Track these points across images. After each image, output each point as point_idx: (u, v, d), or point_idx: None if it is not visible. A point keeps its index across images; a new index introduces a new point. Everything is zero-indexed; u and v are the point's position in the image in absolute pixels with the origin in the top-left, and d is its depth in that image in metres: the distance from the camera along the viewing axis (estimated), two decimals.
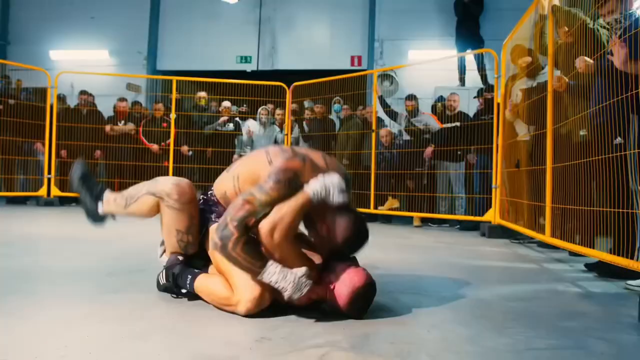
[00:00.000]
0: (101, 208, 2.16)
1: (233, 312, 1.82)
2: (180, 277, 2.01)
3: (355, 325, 1.76)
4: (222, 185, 2.04)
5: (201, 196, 2.09)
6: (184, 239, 2.02)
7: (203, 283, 1.95)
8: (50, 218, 5.75)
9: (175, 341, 1.52)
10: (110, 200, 2.15)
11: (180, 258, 2.05)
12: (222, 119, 7.70)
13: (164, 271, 2.08)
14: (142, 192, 2.05)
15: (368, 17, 10.20)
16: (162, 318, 1.77)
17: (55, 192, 7.37)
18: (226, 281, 1.86)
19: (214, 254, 1.92)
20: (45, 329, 1.59)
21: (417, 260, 3.41)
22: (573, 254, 3.62)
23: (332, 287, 1.81)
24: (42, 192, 7.35)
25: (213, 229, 1.92)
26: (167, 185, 1.99)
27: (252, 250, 1.75)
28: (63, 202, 7.64)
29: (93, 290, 2.16)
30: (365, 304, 1.84)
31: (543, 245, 4.20)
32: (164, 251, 2.15)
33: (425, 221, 6.54)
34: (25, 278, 2.31)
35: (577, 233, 3.08)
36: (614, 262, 2.49)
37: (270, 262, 1.76)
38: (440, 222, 6.56)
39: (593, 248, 2.85)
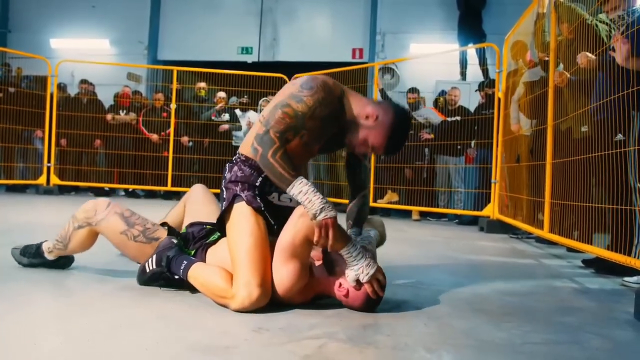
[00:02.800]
0: (49, 257, 2.20)
1: (224, 305, 1.79)
2: (175, 261, 1.91)
3: (352, 317, 1.77)
4: (250, 138, 1.92)
5: (227, 164, 2.01)
6: (135, 233, 2.00)
7: (199, 271, 1.87)
8: (50, 206, 5.75)
9: (172, 331, 1.53)
10: (49, 249, 2.19)
11: (175, 241, 1.97)
12: (218, 106, 7.69)
13: (153, 257, 1.97)
14: (69, 231, 2.08)
15: (370, 10, 10.15)
16: (159, 308, 1.77)
17: (54, 180, 7.38)
18: (225, 273, 1.82)
19: (230, 232, 1.86)
20: (44, 317, 1.59)
21: (415, 254, 3.42)
22: (571, 250, 3.63)
23: (342, 289, 1.79)
24: (42, 180, 7.36)
25: (240, 207, 1.85)
26: (81, 212, 2.05)
27: (289, 160, 1.75)
28: (62, 190, 7.65)
29: (91, 279, 2.17)
30: (379, 300, 1.83)
31: (541, 240, 4.21)
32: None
33: (424, 215, 6.55)
34: (23, 267, 2.31)
35: (575, 229, 3.09)
36: (612, 259, 2.50)
37: (302, 177, 1.74)
38: (439, 216, 6.58)
39: (591, 244, 2.86)
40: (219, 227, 1.98)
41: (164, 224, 2.13)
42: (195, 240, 2.03)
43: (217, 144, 7.56)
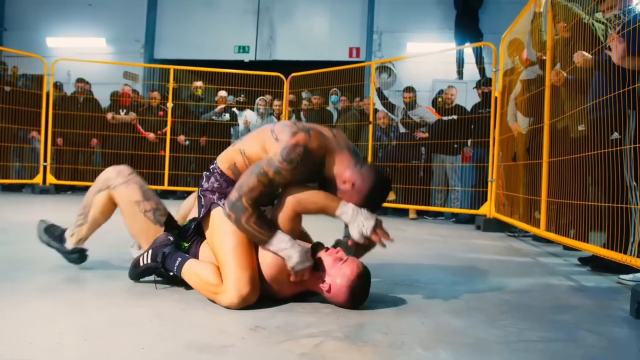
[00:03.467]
0: (68, 244, 2.23)
1: (214, 301, 1.81)
2: (170, 258, 1.94)
3: (349, 315, 1.77)
4: (229, 157, 2.00)
5: (204, 173, 2.05)
6: (147, 207, 2.07)
7: (192, 267, 1.90)
8: (46, 206, 5.74)
9: (169, 330, 1.53)
10: (71, 232, 2.23)
11: (171, 238, 2.00)
12: (219, 107, 7.68)
13: (149, 252, 2.00)
14: (90, 197, 2.15)
15: (367, 9, 10.16)
16: (156, 306, 1.77)
17: (50, 179, 7.36)
18: (217, 269, 1.85)
19: (211, 237, 1.90)
20: (40, 316, 1.59)
21: (412, 253, 3.42)
22: (567, 248, 3.64)
23: (325, 284, 1.82)
24: (38, 179, 7.33)
25: (217, 212, 1.90)
26: (103, 175, 2.14)
27: (263, 222, 1.79)
28: (59, 190, 7.63)
29: (88, 277, 2.16)
30: (363, 296, 1.85)
31: (538, 239, 4.22)
32: (139, 247, 2.15)
33: (420, 214, 6.56)
34: (20, 265, 2.31)
35: (571, 227, 3.10)
36: (608, 257, 2.50)
37: (280, 231, 1.80)
38: (435, 214, 6.58)
39: (587, 242, 2.87)
40: (197, 232, 2.02)
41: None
42: (192, 234, 2.06)
43: (214, 143, 7.55)
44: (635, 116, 2.60)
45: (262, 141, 1.94)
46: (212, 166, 2.05)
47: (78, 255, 2.27)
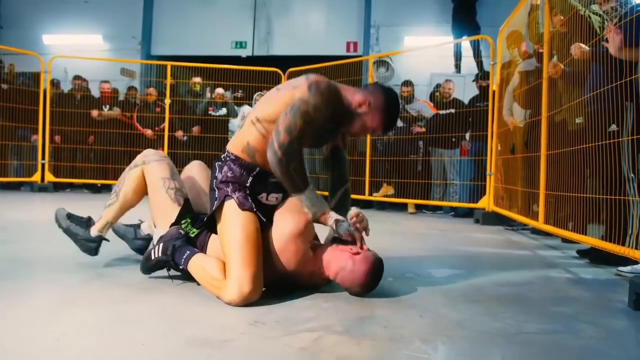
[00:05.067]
0: (93, 230, 2.25)
1: (218, 297, 1.81)
2: (179, 251, 1.95)
3: (348, 309, 1.77)
4: (240, 140, 1.99)
5: (216, 163, 2.04)
6: (171, 185, 2.12)
7: (198, 262, 1.91)
8: (44, 204, 5.73)
9: (170, 325, 1.53)
10: (100, 217, 2.25)
11: (182, 232, 2.01)
12: (212, 94, 7.68)
13: (159, 245, 2.00)
14: (125, 174, 2.21)
15: (364, 3, 10.12)
16: (157, 302, 1.77)
17: (49, 177, 7.35)
18: (221, 265, 1.85)
19: (221, 231, 1.89)
20: (40, 314, 1.59)
21: (411, 247, 3.43)
22: (566, 240, 3.65)
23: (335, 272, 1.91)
24: (36, 177, 7.32)
25: (231, 205, 1.89)
26: (141, 154, 2.23)
27: (304, 172, 1.85)
28: (57, 188, 7.61)
29: (88, 274, 2.17)
30: (378, 279, 1.94)
31: (536, 232, 4.23)
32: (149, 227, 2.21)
33: (419, 208, 6.57)
34: (19, 263, 2.31)
35: (570, 220, 3.11)
36: (606, 249, 2.51)
37: (312, 187, 1.87)
38: (434, 208, 6.59)
39: (585, 235, 2.88)
40: (209, 226, 2.01)
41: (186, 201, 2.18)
42: (202, 223, 2.07)
43: (212, 139, 7.54)
44: (632, 108, 2.60)
45: (277, 97, 1.94)
46: (223, 155, 2.03)
47: (96, 245, 2.27)
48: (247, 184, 1.94)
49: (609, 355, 1.45)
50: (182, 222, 2.11)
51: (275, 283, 1.94)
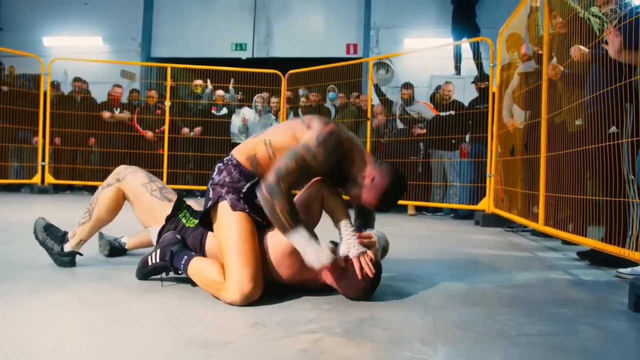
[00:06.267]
0: (67, 246, 2.26)
1: (219, 299, 1.82)
2: (177, 256, 1.96)
3: (348, 311, 1.77)
4: (249, 148, 1.99)
5: (217, 165, 2.03)
6: (153, 187, 2.17)
7: (196, 265, 1.92)
8: (44, 205, 5.73)
9: (169, 326, 1.53)
10: (73, 232, 2.26)
11: (179, 237, 2.02)
12: (216, 94, 7.70)
13: (157, 251, 2.02)
14: (98, 193, 2.22)
15: (364, 5, 10.14)
16: (157, 303, 1.77)
17: (49, 179, 7.35)
18: (220, 267, 1.86)
19: (218, 231, 1.90)
20: (40, 315, 1.59)
21: (410, 248, 3.43)
22: (566, 242, 3.65)
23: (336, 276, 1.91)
24: (36, 179, 7.32)
25: (224, 206, 1.89)
26: (112, 174, 2.24)
27: (293, 213, 1.80)
28: (57, 189, 7.62)
29: (87, 276, 2.17)
30: (374, 289, 1.95)
31: (536, 233, 4.23)
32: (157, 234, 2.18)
33: (419, 210, 6.56)
34: (19, 265, 2.31)
35: (570, 222, 3.11)
36: (606, 251, 2.51)
37: (302, 226, 1.81)
38: (434, 210, 6.59)
39: (585, 237, 2.88)
40: (205, 224, 2.00)
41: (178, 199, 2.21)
42: (198, 219, 2.09)
43: (213, 141, 7.55)
44: (632, 110, 2.60)
45: (291, 130, 1.95)
46: (226, 158, 2.04)
47: (70, 259, 2.28)
48: (243, 190, 1.94)
49: (609, 357, 1.45)
50: (179, 213, 2.13)
51: (274, 285, 1.94)
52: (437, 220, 5.83)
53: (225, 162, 2.02)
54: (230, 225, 1.85)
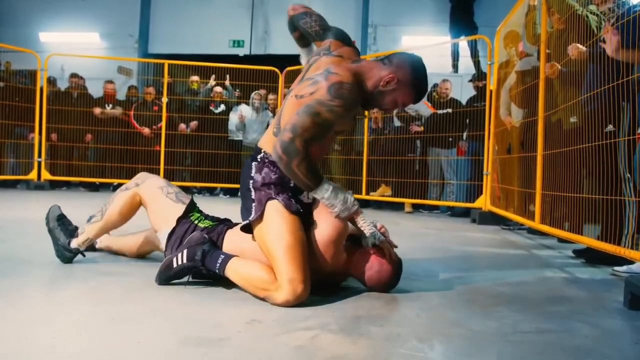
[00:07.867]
0: (74, 243, 2.24)
1: (265, 299, 1.78)
2: (210, 255, 1.89)
3: (345, 308, 1.78)
4: (273, 141, 1.87)
5: (253, 163, 1.95)
6: (170, 190, 2.18)
7: (238, 266, 1.85)
8: (41, 202, 5.71)
9: (166, 323, 1.53)
10: (82, 230, 2.25)
11: (206, 236, 1.96)
12: (214, 91, 7.69)
13: (184, 251, 1.93)
14: (115, 195, 2.21)
15: (362, 2, 10.13)
16: (153, 300, 1.77)
17: (45, 175, 7.33)
18: (268, 267, 1.81)
19: (264, 231, 1.84)
20: (36, 312, 1.59)
21: (407, 246, 3.43)
22: (562, 240, 3.66)
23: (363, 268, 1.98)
24: (33, 175, 7.30)
25: (274, 205, 1.85)
26: (135, 177, 2.25)
27: (312, 169, 1.78)
28: (54, 185, 7.60)
29: (84, 273, 2.16)
30: (398, 280, 2.03)
31: (533, 231, 4.24)
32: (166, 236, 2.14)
33: (416, 207, 6.57)
34: (15, 261, 2.31)
35: (566, 220, 3.11)
36: (602, 249, 2.52)
37: (325, 180, 1.82)
38: (431, 208, 6.60)
39: (581, 235, 2.89)
40: (246, 228, 1.92)
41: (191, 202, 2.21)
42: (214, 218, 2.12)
43: (211, 137, 7.53)
44: (629, 108, 2.60)
45: (301, 93, 1.87)
46: (259, 155, 1.95)
47: (71, 256, 2.26)
48: (291, 184, 1.90)
49: (604, 354, 1.45)
50: (190, 215, 2.12)
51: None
52: (434, 218, 5.84)
53: (260, 159, 1.94)
54: (282, 229, 1.80)
